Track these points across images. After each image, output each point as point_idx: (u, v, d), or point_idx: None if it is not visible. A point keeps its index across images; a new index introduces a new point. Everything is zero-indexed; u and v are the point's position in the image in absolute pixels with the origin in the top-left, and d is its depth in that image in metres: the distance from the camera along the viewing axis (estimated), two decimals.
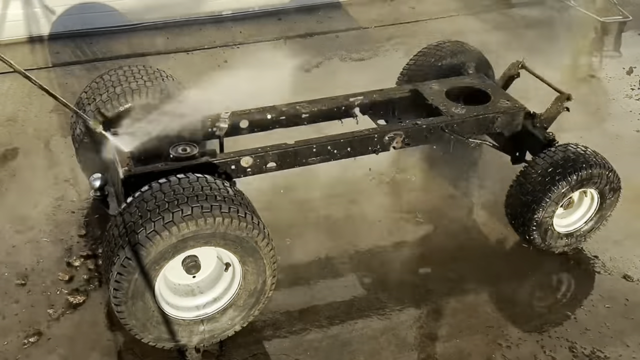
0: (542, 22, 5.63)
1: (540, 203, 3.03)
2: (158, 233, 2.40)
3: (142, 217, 2.45)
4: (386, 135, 3.10)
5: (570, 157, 3.07)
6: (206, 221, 2.43)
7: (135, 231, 2.42)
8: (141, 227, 2.42)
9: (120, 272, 2.42)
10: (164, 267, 2.49)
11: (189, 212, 2.43)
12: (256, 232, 2.54)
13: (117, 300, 2.47)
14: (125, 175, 2.72)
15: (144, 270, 2.44)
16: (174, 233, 2.41)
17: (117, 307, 2.49)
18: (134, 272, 2.43)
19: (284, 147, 2.97)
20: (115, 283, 2.44)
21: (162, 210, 2.44)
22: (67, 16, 4.97)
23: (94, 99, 3.12)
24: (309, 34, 5.24)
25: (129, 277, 2.43)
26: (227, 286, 2.70)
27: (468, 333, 2.88)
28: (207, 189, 2.53)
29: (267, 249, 2.61)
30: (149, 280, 2.47)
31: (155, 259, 2.44)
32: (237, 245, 2.54)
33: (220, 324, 2.70)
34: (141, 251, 2.40)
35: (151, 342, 2.63)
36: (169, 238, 2.41)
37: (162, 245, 2.42)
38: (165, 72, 3.34)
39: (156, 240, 2.40)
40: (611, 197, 3.19)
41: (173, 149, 2.86)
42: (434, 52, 3.69)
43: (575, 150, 3.11)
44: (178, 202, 2.45)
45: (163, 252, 2.44)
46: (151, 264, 2.44)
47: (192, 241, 2.46)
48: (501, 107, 3.31)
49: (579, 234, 3.24)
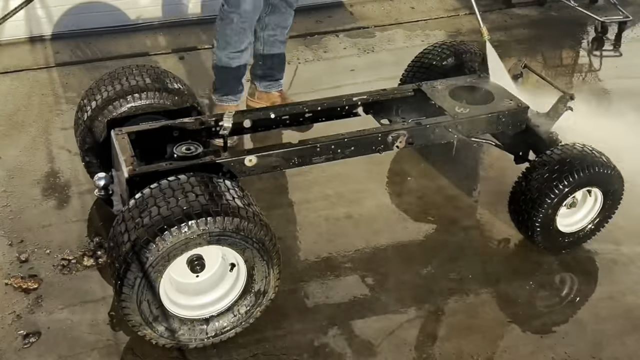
0: (541, 22, 5.64)
1: (544, 202, 3.03)
2: (163, 231, 2.41)
3: (147, 216, 2.46)
4: (390, 134, 3.10)
5: (573, 156, 3.06)
6: (214, 220, 2.44)
7: (140, 230, 2.43)
8: (146, 225, 2.43)
9: (125, 270, 2.43)
10: (169, 265, 2.50)
11: (195, 210, 2.44)
12: (263, 233, 2.55)
13: (122, 296, 2.48)
14: (129, 174, 2.73)
15: (149, 268, 2.45)
16: (180, 232, 2.42)
17: (122, 303, 2.50)
18: (140, 270, 2.44)
19: (288, 146, 2.98)
20: (121, 280, 2.45)
21: (168, 209, 2.45)
22: (67, 16, 4.97)
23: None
24: (308, 33, 5.24)
25: (134, 274, 2.44)
26: (231, 286, 2.70)
27: (468, 333, 2.88)
28: (212, 188, 2.54)
29: (274, 249, 2.62)
30: (154, 278, 2.48)
31: (160, 257, 2.44)
32: (244, 245, 2.54)
33: (223, 323, 2.71)
34: (146, 249, 2.41)
35: (153, 340, 2.64)
36: (175, 237, 2.42)
37: (167, 244, 2.43)
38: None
39: (162, 239, 2.41)
40: (614, 197, 3.19)
41: (177, 148, 2.87)
42: (437, 51, 3.70)
43: (578, 150, 3.11)
44: (184, 201, 2.46)
45: (168, 251, 2.44)
46: (156, 262, 2.45)
47: (198, 240, 2.47)
48: (505, 106, 3.32)
49: (582, 233, 3.24)
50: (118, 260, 2.47)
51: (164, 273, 2.51)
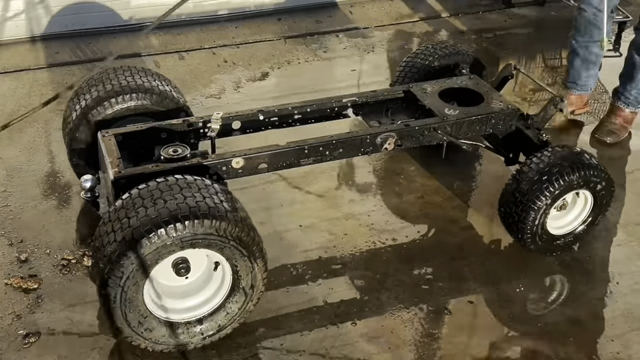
0: (541, 22, 5.63)
1: (533, 205, 3.02)
2: (147, 235, 2.38)
3: (130, 219, 2.43)
4: (378, 136, 3.09)
5: (563, 158, 3.05)
6: (184, 226, 2.40)
7: (124, 233, 2.41)
8: (130, 229, 2.41)
9: (107, 281, 2.42)
10: (147, 277, 2.48)
11: (172, 215, 2.41)
12: (238, 229, 2.50)
13: (108, 309, 2.47)
14: (115, 176, 2.72)
15: (126, 281, 2.43)
16: (158, 238, 2.39)
17: (110, 316, 2.48)
18: (121, 279, 2.42)
19: (276, 148, 2.96)
20: (104, 292, 2.44)
21: (146, 215, 2.42)
22: (67, 16, 4.97)
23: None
24: (309, 33, 5.24)
25: (116, 284, 2.42)
26: (219, 285, 2.69)
27: (468, 333, 2.89)
28: (182, 191, 2.50)
29: (253, 243, 2.57)
30: (138, 286, 2.47)
31: (135, 270, 2.42)
32: (220, 244, 2.51)
33: (216, 322, 2.70)
34: (127, 258, 2.39)
35: (149, 347, 2.63)
36: (146, 247, 2.40)
37: (147, 251, 2.40)
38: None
39: (146, 243, 2.39)
40: (605, 198, 3.18)
41: (164, 150, 2.85)
42: (428, 52, 3.69)
43: (568, 152, 3.10)
44: (162, 206, 2.44)
45: (142, 262, 2.42)
46: (133, 275, 2.43)
47: (171, 248, 2.44)
48: (495, 108, 3.31)
49: (573, 235, 3.24)
50: (98, 276, 2.44)
51: (144, 283, 2.48)
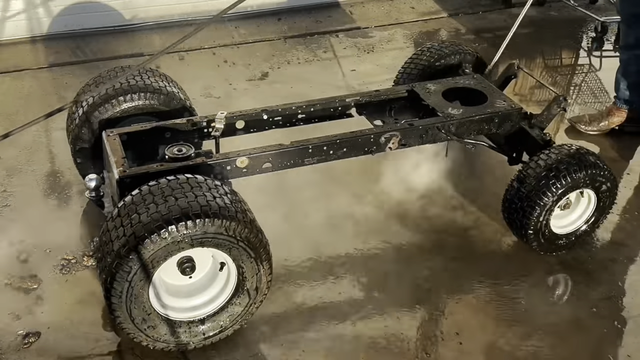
0: (541, 22, 5.63)
1: (537, 204, 3.02)
2: (158, 231, 2.39)
3: (141, 215, 2.44)
4: (382, 136, 3.10)
5: (566, 158, 3.06)
6: (195, 224, 2.41)
7: (129, 232, 2.41)
8: (140, 224, 2.41)
9: (114, 275, 2.42)
10: (159, 269, 2.48)
11: (183, 212, 2.41)
12: (247, 231, 2.52)
13: (112, 304, 2.47)
14: (119, 175, 2.72)
15: (134, 276, 2.43)
16: (169, 234, 2.40)
17: (113, 311, 2.49)
18: (129, 274, 2.42)
19: (280, 147, 2.96)
20: (110, 286, 2.43)
21: (157, 211, 2.42)
22: (67, 16, 4.97)
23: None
24: (309, 33, 5.24)
25: (123, 279, 2.42)
26: (223, 285, 2.69)
27: (468, 333, 2.88)
28: (192, 190, 2.51)
29: (260, 245, 2.58)
30: (145, 282, 2.47)
31: (143, 265, 2.42)
32: (229, 244, 2.52)
33: (218, 323, 2.70)
34: (136, 253, 2.39)
35: (150, 345, 2.63)
36: (164, 239, 2.40)
37: (149, 252, 2.41)
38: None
39: (151, 242, 2.39)
40: (608, 199, 3.18)
41: (168, 149, 2.86)
42: (431, 52, 3.70)
43: (571, 151, 3.10)
44: (173, 203, 2.44)
45: (151, 258, 2.42)
46: (141, 270, 2.43)
47: (181, 245, 2.45)
48: (498, 107, 3.31)
49: (576, 234, 3.24)
50: (104, 271, 2.45)
51: (151, 280, 2.48)
